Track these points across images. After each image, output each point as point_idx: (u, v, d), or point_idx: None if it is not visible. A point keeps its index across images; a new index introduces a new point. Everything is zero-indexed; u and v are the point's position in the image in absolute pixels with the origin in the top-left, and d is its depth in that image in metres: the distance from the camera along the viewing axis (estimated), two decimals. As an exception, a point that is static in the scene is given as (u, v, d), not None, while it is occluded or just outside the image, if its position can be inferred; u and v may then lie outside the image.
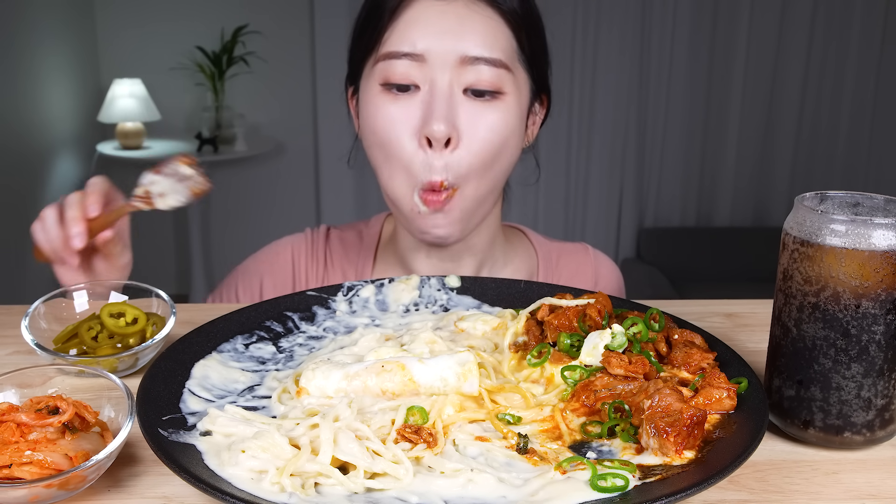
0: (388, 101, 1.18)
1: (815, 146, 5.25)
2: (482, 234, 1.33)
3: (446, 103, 1.15)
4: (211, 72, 4.94)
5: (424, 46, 1.15)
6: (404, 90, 1.17)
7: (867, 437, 0.83)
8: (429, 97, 1.16)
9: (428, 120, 1.14)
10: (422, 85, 1.16)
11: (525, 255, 1.45)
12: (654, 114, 5.15)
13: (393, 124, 1.17)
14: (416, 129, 1.16)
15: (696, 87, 5.12)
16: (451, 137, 1.15)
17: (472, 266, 1.36)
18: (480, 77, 1.16)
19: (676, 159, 5.26)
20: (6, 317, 1.17)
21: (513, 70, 1.18)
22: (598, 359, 0.90)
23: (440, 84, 1.15)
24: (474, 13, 1.15)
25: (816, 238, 0.79)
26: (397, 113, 1.17)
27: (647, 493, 0.69)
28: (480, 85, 1.16)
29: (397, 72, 1.16)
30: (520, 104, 1.21)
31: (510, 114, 1.19)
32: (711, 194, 5.33)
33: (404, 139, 1.17)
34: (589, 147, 5.16)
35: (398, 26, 1.17)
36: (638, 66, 5.05)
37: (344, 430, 0.76)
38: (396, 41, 1.16)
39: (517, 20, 1.19)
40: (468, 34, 1.15)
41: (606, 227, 5.31)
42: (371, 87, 1.20)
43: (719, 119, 5.19)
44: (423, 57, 1.15)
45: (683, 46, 5.04)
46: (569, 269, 1.45)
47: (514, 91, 1.19)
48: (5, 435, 0.74)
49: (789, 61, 5.09)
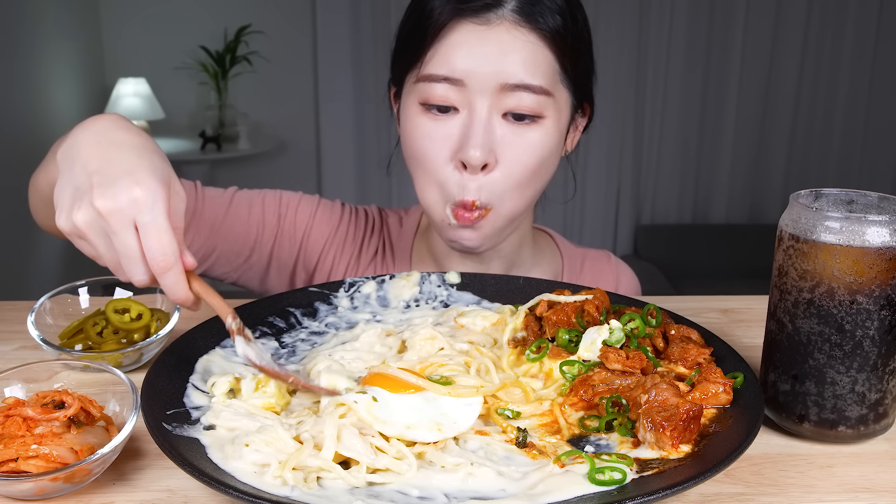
0: (427, 121, 1.17)
1: (810, 144, 5.30)
2: (513, 238, 1.34)
3: (484, 129, 1.14)
4: (214, 71, 4.96)
5: (464, 72, 1.13)
6: (444, 111, 1.16)
7: (861, 432, 0.84)
8: (467, 121, 1.15)
9: (465, 145, 1.14)
10: (461, 108, 1.16)
11: (551, 258, 1.47)
12: (650, 113, 5.19)
13: (431, 144, 1.17)
14: (453, 152, 1.16)
15: (692, 86, 5.16)
16: (489, 162, 1.15)
17: (501, 268, 1.37)
18: (521, 103, 1.14)
19: (673, 158, 5.30)
20: (12, 312, 1.18)
21: (554, 94, 1.17)
22: (595, 354, 0.91)
23: (479, 110, 1.14)
24: (516, 39, 1.13)
25: (811, 235, 0.80)
26: (436, 134, 1.17)
27: (645, 486, 0.70)
28: (520, 110, 1.15)
29: (436, 94, 1.15)
30: (559, 124, 1.20)
31: (549, 136, 1.18)
32: (707, 192, 5.38)
33: (440, 160, 1.17)
34: (587, 146, 5.18)
35: (440, 49, 1.15)
36: (635, 66, 5.08)
37: (347, 427, 0.77)
38: (437, 64, 1.15)
39: (560, 41, 1.16)
40: (509, 60, 1.13)
41: (604, 224, 5.35)
42: (411, 103, 1.20)
43: (715, 118, 5.24)
44: (462, 82, 1.14)
45: (680, 46, 5.08)
46: (591, 274, 1.47)
47: (555, 113, 1.18)
48: (12, 429, 0.75)
49: (784, 60, 5.14)
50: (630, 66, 5.07)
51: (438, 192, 1.19)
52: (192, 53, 5.00)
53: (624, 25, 4.99)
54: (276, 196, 1.41)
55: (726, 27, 5.06)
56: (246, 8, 5.00)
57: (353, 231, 1.44)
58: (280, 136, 5.23)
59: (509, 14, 1.13)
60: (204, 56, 4.96)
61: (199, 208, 1.33)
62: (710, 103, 5.21)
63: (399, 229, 1.45)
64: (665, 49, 5.07)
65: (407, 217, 1.47)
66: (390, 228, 1.46)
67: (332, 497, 0.70)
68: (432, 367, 0.91)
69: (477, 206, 1.16)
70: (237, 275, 1.39)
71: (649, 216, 5.39)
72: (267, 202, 1.39)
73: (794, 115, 5.23)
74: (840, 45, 5.10)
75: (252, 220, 1.37)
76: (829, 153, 5.32)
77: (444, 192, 1.18)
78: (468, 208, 1.17)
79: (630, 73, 5.08)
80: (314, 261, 1.41)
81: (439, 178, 1.18)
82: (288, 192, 1.43)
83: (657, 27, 5.03)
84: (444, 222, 1.20)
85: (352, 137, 5.14)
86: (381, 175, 5.03)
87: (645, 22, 5.01)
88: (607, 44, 4.98)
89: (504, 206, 1.19)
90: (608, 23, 4.96)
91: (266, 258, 1.39)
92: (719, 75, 5.15)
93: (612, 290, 1.44)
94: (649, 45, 5.06)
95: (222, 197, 1.36)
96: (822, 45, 5.11)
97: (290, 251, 1.40)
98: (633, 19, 4.99)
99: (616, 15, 4.96)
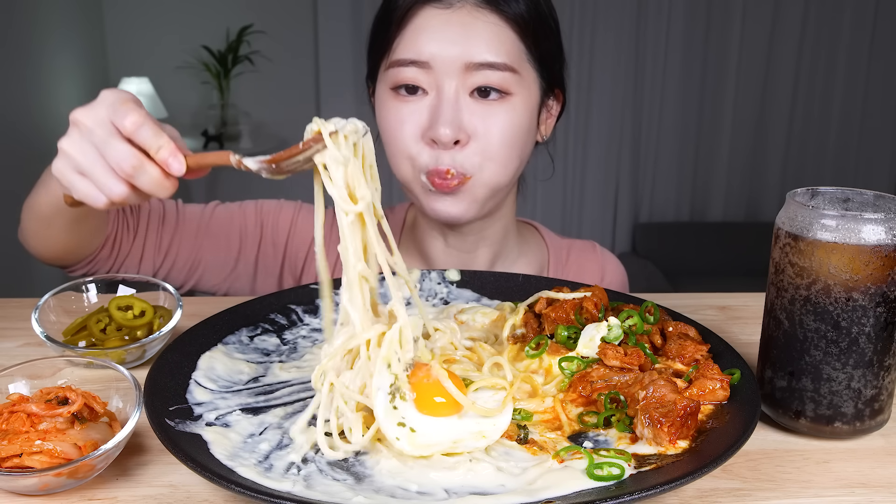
0: (398, 104, 1.21)
1: (807, 143, 5.32)
2: (496, 225, 1.37)
3: (452, 108, 1.18)
4: (217, 70, 4.97)
5: (430, 54, 1.18)
6: (413, 92, 1.20)
7: (857, 427, 0.84)
8: (436, 101, 1.19)
9: (435, 123, 1.17)
10: (429, 90, 1.20)
11: (537, 249, 1.49)
12: (648, 112, 5.21)
13: (401, 125, 1.21)
14: (423, 131, 1.20)
15: (690, 85, 5.18)
16: (460, 139, 1.18)
17: (487, 257, 1.40)
18: (487, 80, 1.18)
19: (671, 156, 5.32)
20: (17, 309, 1.19)
21: (520, 71, 1.20)
22: (594, 350, 0.91)
23: (447, 90, 1.18)
24: (478, 20, 1.18)
25: (808, 233, 0.81)
26: (407, 115, 1.21)
27: (642, 481, 0.71)
28: (487, 84, 1.18)
29: (405, 78, 1.20)
30: (528, 103, 1.23)
31: (517, 112, 1.21)
32: (705, 190, 5.40)
33: (411, 138, 1.21)
34: (585, 144, 5.22)
35: (405, 35, 1.20)
36: (633, 65, 5.10)
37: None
38: (403, 49, 1.20)
39: (524, 24, 1.20)
40: (472, 41, 1.17)
41: (602, 222, 5.38)
42: (383, 90, 1.24)
43: (713, 117, 5.26)
44: (428, 64, 1.18)
45: (678, 45, 5.10)
46: (577, 264, 1.49)
47: (522, 91, 1.22)
48: (16, 425, 0.76)
49: (781, 59, 5.15)
50: (628, 64, 5.09)
51: (410, 165, 1.23)
52: (195, 53, 5.01)
53: (622, 24, 5.01)
54: (255, 206, 1.43)
55: (723, 26, 5.07)
56: (248, 8, 5.02)
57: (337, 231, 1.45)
58: (282, 135, 5.24)
59: None
60: (206, 56, 4.98)
61: (181, 225, 1.36)
62: (708, 102, 5.23)
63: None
64: (663, 48, 5.08)
65: (392, 214, 1.50)
66: None
67: (334, 493, 0.71)
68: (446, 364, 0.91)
69: (452, 174, 1.19)
70: (227, 286, 1.42)
71: (647, 214, 5.41)
72: (247, 212, 1.42)
73: (790, 113, 5.26)
74: (836, 44, 5.12)
75: (233, 230, 1.40)
76: (826, 152, 5.35)
77: (416, 163, 1.22)
78: (442, 176, 1.20)
79: (628, 71, 5.10)
80: (300, 264, 1.43)
81: (411, 153, 1.21)
82: (268, 200, 1.46)
83: (655, 25, 5.04)
84: (424, 188, 1.23)
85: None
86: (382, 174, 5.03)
87: (643, 20, 5.03)
88: (606, 43, 5.01)
89: (483, 174, 1.22)
90: (607, 22, 4.98)
91: (252, 266, 1.41)
92: (716, 74, 5.17)
93: (597, 281, 1.47)
94: (647, 44, 5.07)
95: (203, 212, 1.40)
96: (819, 45, 5.13)
97: (275, 257, 1.42)
98: (632, 18, 5.01)
99: (614, 15, 4.98)
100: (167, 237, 1.34)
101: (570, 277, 1.47)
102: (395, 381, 0.80)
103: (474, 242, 1.37)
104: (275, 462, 0.76)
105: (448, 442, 0.78)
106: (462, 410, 0.80)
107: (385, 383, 0.80)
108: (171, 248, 1.34)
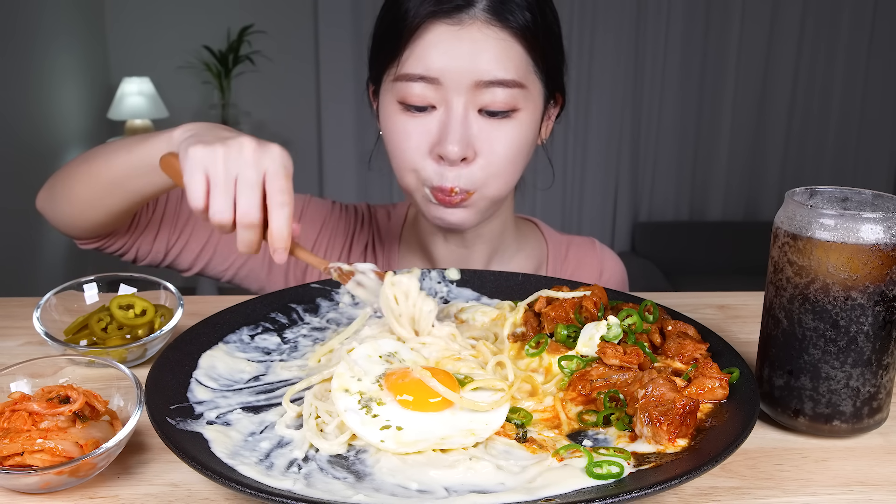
0: (406, 118, 1.21)
1: (806, 142, 5.34)
2: (494, 223, 1.37)
3: (461, 125, 1.17)
4: (217, 70, 4.97)
5: (440, 70, 1.16)
6: (421, 110, 1.20)
7: (855, 426, 0.84)
8: (445, 118, 1.18)
9: (443, 141, 1.17)
10: (438, 106, 1.19)
11: (536, 245, 1.50)
12: (648, 111, 5.22)
13: (408, 138, 1.21)
14: (431, 147, 1.20)
15: (689, 85, 5.19)
16: (467, 156, 1.18)
17: (485, 253, 1.41)
18: (495, 98, 1.17)
19: (670, 156, 5.33)
20: (18, 308, 1.20)
21: (527, 85, 1.20)
22: (593, 349, 0.91)
23: (455, 106, 1.18)
24: (488, 37, 1.16)
25: (806, 232, 0.81)
26: (414, 130, 1.20)
27: (642, 479, 0.71)
28: (495, 106, 1.18)
29: (413, 93, 1.18)
30: (534, 115, 1.24)
31: (524, 127, 1.21)
32: (704, 189, 5.41)
33: (419, 154, 1.20)
34: (585, 144, 5.23)
35: (415, 49, 1.18)
36: (633, 65, 5.11)
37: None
38: (413, 64, 1.18)
39: (531, 36, 1.19)
40: (482, 58, 1.16)
41: (602, 221, 5.39)
42: (390, 101, 1.23)
43: (712, 117, 5.27)
44: (438, 80, 1.17)
45: (677, 46, 5.11)
46: (576, 260, 1.50)
47: (529, 105, 1.21)
48: (18, 423, 0.76)
49: (780, 59, 5.16)
50: (627, 64, 5.10)
51: (415, 177, 1.23)
52: (196, 53, 5.01)
53: (622, 24, 5.02)
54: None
55: (722, 26, 5.08)
56: (248, 8, 5.02)
57: (342, 226, 1.48)
58: (282, 135, 5.24)
59: (481, 13, 1.16)
60: (207, 55, 4.98)
61: None
62: (707, 102, 5.24)
63: (387, 222, 1.49)
64: (662, 48, 5.09)
65: (395, 210, 1.51)
66: (379, 222, 1.50)
67: (334, 491, 0.71)
68: (450, 362, 0.92)
69: (456, 191, 1.20)
70: (232, 272, 1.42)
71: (647, 214, 5.43)
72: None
73: (789, 113, 5.27)
74: (835, 44, 5.13)
75: None
76: (825, 151, 5.36)
77: (420, 176, 1.22)
78: (447, 193, 1.20)
79: (627, 71, 5.11)
80: None
81: (416, 166, 1.22)
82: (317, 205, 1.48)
83: (654, 26, 5.05)
84: (426, 199, 1.24)
85: (353, 136, 5.17)
86: (382, 174, 5.04)
87: (642, 21, 5.04)
88: (605, 43, 5.02)
89: (488, 189, 1.22)
90: (606, 22, 4.99)
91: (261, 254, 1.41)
92: (715, 74, 5.18)
93: (596, 277, 1.47)
94: (647, 44, 5.08)
95: None
96: (817, 45, 5.14)
97: None
98: (631, 18, 5.02)
99: (614, 14, 4.99)
100: (184, 216, 1.35)
101: (569, 273, 1.47)
102: (361, 396, 0.83)
103: (472, 239, 1.38)
104: (275, 460, 0.77)
105: (435, 438, 0.78)
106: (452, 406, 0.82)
107: (351, 404, 0.82)
108: (187, 227, 1.35)
